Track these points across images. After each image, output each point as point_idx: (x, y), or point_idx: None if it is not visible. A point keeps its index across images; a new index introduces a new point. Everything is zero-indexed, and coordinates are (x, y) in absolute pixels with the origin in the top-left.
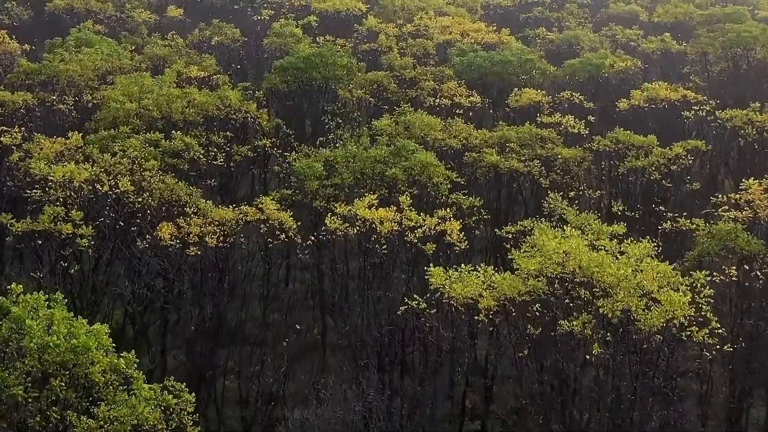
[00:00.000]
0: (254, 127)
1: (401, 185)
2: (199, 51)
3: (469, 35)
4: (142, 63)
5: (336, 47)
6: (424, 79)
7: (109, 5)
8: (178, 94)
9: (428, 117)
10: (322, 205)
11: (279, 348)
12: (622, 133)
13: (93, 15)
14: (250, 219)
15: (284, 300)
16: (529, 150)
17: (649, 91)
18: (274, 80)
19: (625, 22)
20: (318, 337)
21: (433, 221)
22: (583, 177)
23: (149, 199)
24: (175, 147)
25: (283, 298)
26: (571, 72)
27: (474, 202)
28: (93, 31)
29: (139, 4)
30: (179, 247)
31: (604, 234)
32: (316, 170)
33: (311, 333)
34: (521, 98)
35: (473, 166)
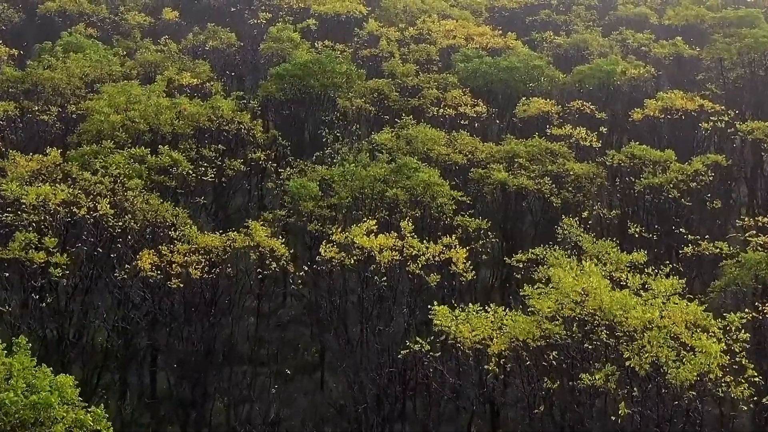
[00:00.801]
0: (248, 139)
1: (402, 206)
2: (192, 57)
3: (474, 39)
4: (132, 70)
5: (335, 53)
6: (427, 87)
7: (103, 8)
8: (167, 104)
9: (431, 130)
10: (317, 228)
11: (276, 367)
12: (638, 148)
13: (86, 17)
14: (238, 246)
15: (281, 315)
16: (539, 165)
17: (664, 101)
18: (270, 88)
19: (635, 24)
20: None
21: (437, 248)
22: (597, 194)
23: (131, 222)
24: (162, 163)
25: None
26: (581, 79)
27: (481, 224)
28: (85, 35)
29: (134, 6)
30: (161, 278)
31: (623, 263)
32: (311, 190)
33: (309, 352)
34: (529, 108)
35: (479, 183)
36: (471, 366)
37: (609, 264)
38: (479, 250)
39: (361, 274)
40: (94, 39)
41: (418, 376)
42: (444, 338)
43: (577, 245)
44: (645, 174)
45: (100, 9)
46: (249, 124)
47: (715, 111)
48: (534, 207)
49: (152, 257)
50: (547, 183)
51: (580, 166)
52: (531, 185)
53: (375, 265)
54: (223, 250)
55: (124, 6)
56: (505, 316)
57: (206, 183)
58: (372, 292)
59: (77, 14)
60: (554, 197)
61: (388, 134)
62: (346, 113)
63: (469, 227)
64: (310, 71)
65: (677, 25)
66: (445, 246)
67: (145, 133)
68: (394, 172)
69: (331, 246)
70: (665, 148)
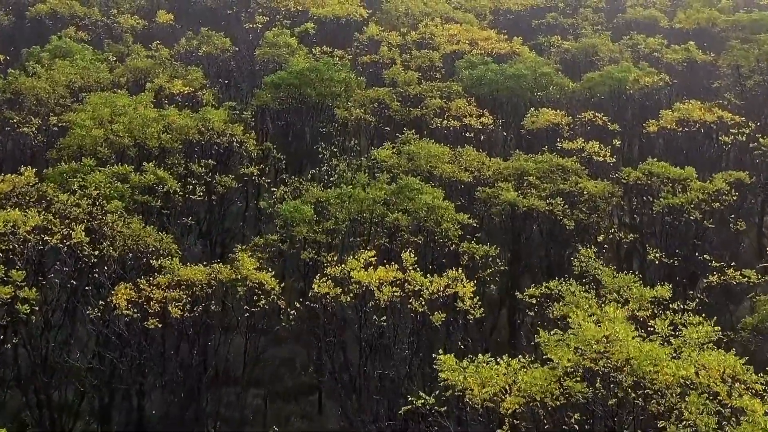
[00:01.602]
0: (241, 152)
1: (404, 232)
2: (185, 63)
3: (478, 44)
4: (121, 77)
5: (333, 60)
6: (430, 96)
7: (95, 10)
8: (154, 116)
9: (435, 146)
10: (311, 256)
11: (272, 387)
12: (656, 165)
13: (77, 20)
14: (224, 279)
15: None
16: (549, 184)
17: (681, 112)
18: (265, 97)
19: (644, 28)
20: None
21: (441, 282)
22: (612, 215)
23: (110, 249)
24: (147, 181)
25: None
26: (591, 86)
27: (489, 251)
28: (75, 39)
29: (128, 9)
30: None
31: (646, 299)
32: (305, 214)
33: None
34: (538, 119)
35: (486, 203)
36: (481, 424)
37: (632, 301)
38: (487, 280)
39: (359, 310)
40: (84, 43)
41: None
42: (450, 391)
43: (596, 278)
44: (663, 193)
45: (92, 11)
46: (241, 137)
47: (735, 122)
48: (545, 229)
49: (129, 292)
50: (559, 203)
51: (593, 185)
52: (542, 206)
53: (374, 302)
54: (207, 284)
55: (117, 9)
56: (519, 369)
57: (195, 202)
58: (371, 330)
59: (69, 17)
60: (567, 219)
61: (388, 150)
62: (345, 124)
63: (476, 255)
64: (306, 79)
65: (688, 28)
66: (450, 280)
67: (130, 148)
68: (395, 194)
69: (326, 280)
70: (683, 162)
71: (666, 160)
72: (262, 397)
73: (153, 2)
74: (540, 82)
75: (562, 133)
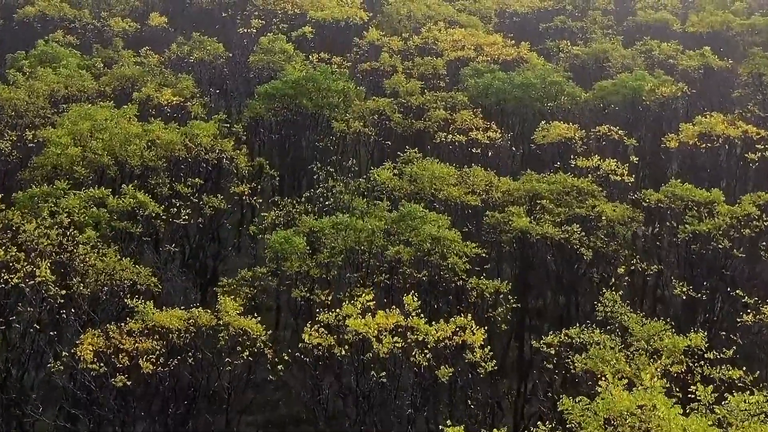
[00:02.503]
0: (231, 169)
1: (406, 267)
2: (175, 70)
3: (484, 50)
4: (107, 86)
5: (332, 68)
6: (434, 107)
7: (85, 12)
8: (137, 131)
9: (439, 166)
10: (303, 294)
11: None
12: (679, 186)
13: (67, 22)
14: (203, 325)
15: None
16: (564, 208)
17: (702, 125)
18: (258, 109)
19: (656, 32)
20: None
21: (448, 329)
22: (632, 242)
23: (80, 287)
24: (126, 205)
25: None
26: (603, 96)
27: (500, 287)
28: (63, 43)
29: (121, 11)
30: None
31: (679, 350)
32: (296, 246)
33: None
34: (549, 133)
35: (496, 229)
36: None
37: (664, 355)
38: (498, 320)
39: (356, 361)
40: (72, 48)
41: None
42: None
43: (622, 324)
44: (688, 218)
45: (82, 14)
46: (232, 153)
47: (760, 137)
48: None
49: (96, 341)
50: (576, 230)
51: (611, 208)
52: (557, 234)
53: (371, 353)
54: (185, 330)
55: (109, 11)
56: None
57: (179, 226)
58: (369, 383)
59: (58, 19)
60: (584, 248)
61: (388, 172)
62: (343, 137)
63: (486, 292)
64: (302, 89)
65: (702, 32)
66: (458, 327)
67: (110, 167)
68: (397, 222)
69: (318, 327)
70: (705, 181)
71: (687, 179)
72: (255, 427)
73: (147, 3)
74: (550, 92)
75: (575, 148)
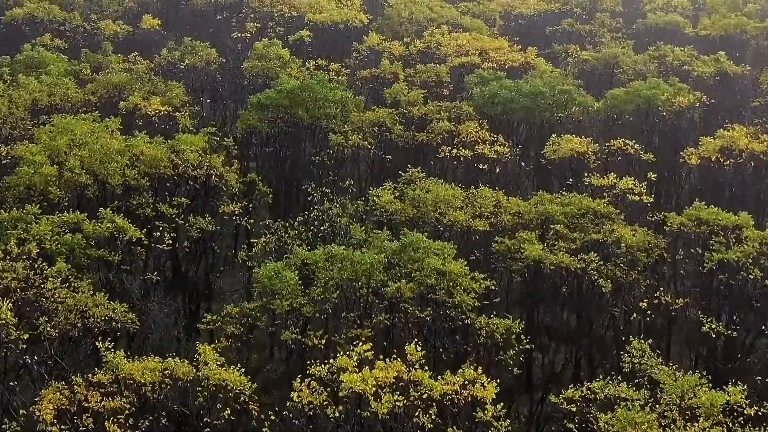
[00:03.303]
0: (221, 187)
1: (408, 304)
2: (165, 77)
3: (489, 54)
4: (93, 94)
5: (329, 76)
6: (437, 118)
7: (76, 14)
8: (119, 146)
9: (444, 188)
10: (294, 337)
11: None
12: (704, 210)
13: (56, 25)
14: (179, 377)
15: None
16: (580, 233)
17: (724, 139)
18: (250, 120)
19: (666, 35)
20: None
21: (456, 381)
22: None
23: (47, 327)
24: (104, 231)
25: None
26: (615, 105)
27: (513, 326)
28: (51, 47)
29: (113, 13)
30: None
31: (716, 407)
32: (287, 282)
33: None
34: (561, 148)
35: (506, 257)
36: None
37: (701, 417)
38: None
39: (351, 421)
40: (59, 53)
41: None
42: None
43: (652, 378)
44: (715, 244)
45: (72, 16)
46: (221, 170)
47: None
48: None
49: (59, 397)
50: (594, 259)
51: (630, 232)
52: (572, 263)
53: (369, 412)
54: (159, 384)
55: (101, 12)
56: None
57: (161, 254)
58: None
59: (47, 21)
60: (602, 279)
61: (388, 194)
62: (341, 150)
63: (496, 332)
64: (298, 99)
65: (715, 35)
66: (467, 380)
67: (88, 187)
68: (398, 254)
69: (309, 382)
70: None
71: (709, 199)
72: None
73: (142, 4)
74: (559, 100)
75: (588, 162)
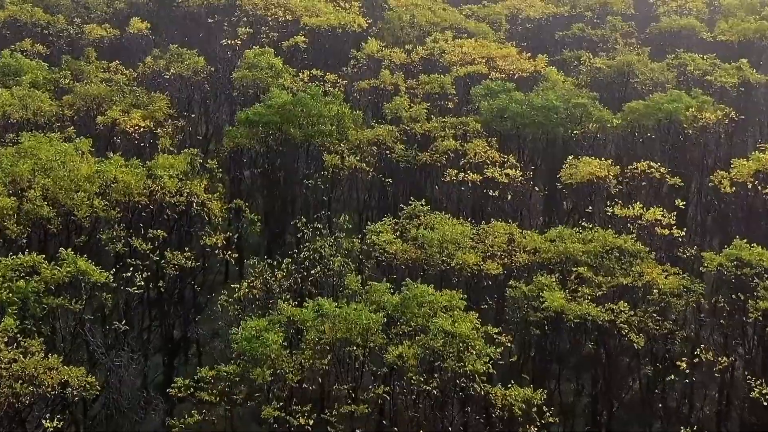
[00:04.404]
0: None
1: (411, 372)
2: (148, 88)
3: (496, 62)
4: (68, 109)
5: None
6: (441, 136)
7: (60, 18)
8: (88, 173)
9: (451, 224)
10: (277, 414)
11: None
12: (747, 250)
13: (40, 28)
14: None
15: None
16: (606, 276)
17: (760, 162)
18: (238, 137)
19: (682, 39)
20: None
21: None
22: (691, 320)
23: None
24: (64, 276)
25: None
26: (634, 119)
27: (534, 396)
28: (31, 53)
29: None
30: None
31: None
32: (270, 346)
33: None
34: (578, 171)
35: (522, 305)
36: None
37: None
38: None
39: None
40: (39, 60)
41: None
42: None
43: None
44: (760, 290)
45: (56, 19)
46: (203, 197)
47: None
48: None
49: None
50: (624, 308)
51: (660, 273)
52: (599, 315)
53: None
54: None
55: (88, 15)
56: None
57: (131, 297)
58: None
59: (31, 25)
60: (634, 334)
61: (389, 232)
62: (336, 172)
63: (514, 406)
64: (290, 115)
65: (732, 40)
66: None
67: (51, 221)
68: (399, 308)
69: None
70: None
71: (748, 232)
72: None
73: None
74: (574, 115)
75: (609, 187)
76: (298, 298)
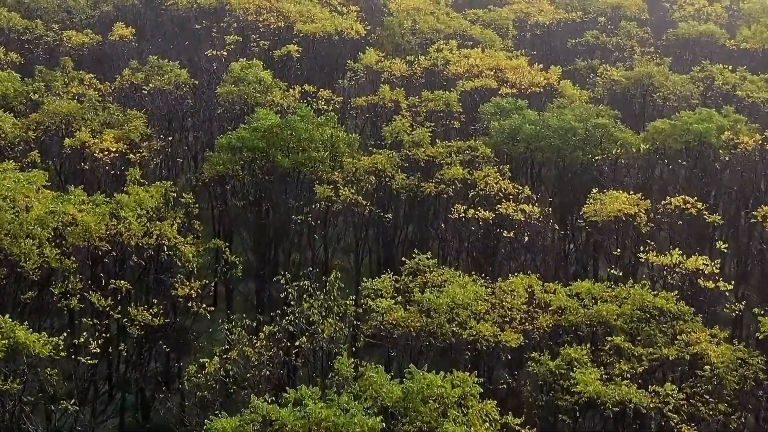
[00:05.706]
0: (173, 261)
1: None
2: (124, 104)
3: (505, 74)
4: (33, 130)
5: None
6: (447, 162)
7: (38, 23)
8: (41, 213)
9: (462, 282)
10: None
11: None
12: None
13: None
14: None
15: None
16: (646, 348)
17: None
18: (219, 165)
19: (701, 47)
20: None
21: None
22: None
23: None
24: None
25: None
26: (659, 139)
27: None
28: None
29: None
30: None
31: None
32: None
33: None
34: (605, 206)
35: (547, 385)
36: None
37: None
38: None
39: None
40: (11, 70)
41: None
42: None
43: None
44: None
45: (34, 24)
46: (175, 240)
47: None
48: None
49: None
50: (672, 393)
51: (710, 341)
52: (644, 400)
53: None
54: None
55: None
56: None
57: (84, 370)
58: None
59: (7, 30)
60: (687, 427)
61: (388, 298)
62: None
63: None
64: (277, 140)
65: (756, 48)
66: None
67: None
68: (402, 403)
69: None
70: None
71: None
72: None
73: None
74: (593, 136)
75: (639, 227)
76: (278, 380)
